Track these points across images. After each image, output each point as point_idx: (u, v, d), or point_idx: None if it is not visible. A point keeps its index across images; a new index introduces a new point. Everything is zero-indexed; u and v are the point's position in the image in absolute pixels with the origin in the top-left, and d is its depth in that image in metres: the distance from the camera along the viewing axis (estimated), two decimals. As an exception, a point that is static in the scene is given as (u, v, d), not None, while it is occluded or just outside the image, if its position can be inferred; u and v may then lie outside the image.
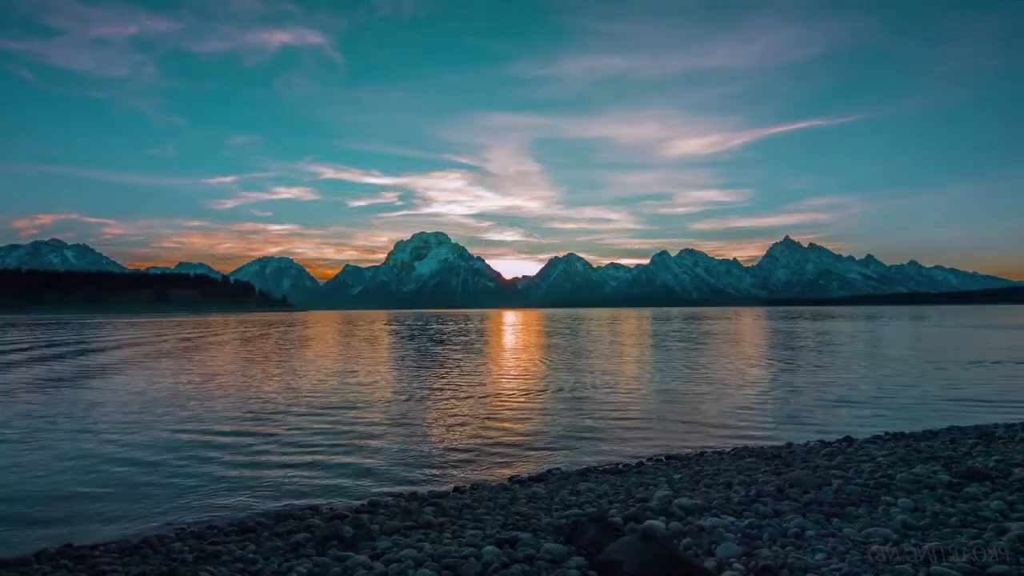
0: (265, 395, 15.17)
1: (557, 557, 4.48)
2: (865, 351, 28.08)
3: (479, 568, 4.33)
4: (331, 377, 19.14)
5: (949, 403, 13.26)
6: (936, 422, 10.96)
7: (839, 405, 13.22)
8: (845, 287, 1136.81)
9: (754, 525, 4.93)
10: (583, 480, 7.40)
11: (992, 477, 6.07)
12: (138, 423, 11.56)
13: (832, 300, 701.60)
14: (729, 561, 4.20)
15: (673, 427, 11.06)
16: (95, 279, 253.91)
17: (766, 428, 10.95)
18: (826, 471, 6.78)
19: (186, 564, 4.80)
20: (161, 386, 16.85)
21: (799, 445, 9.24)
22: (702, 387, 16.18)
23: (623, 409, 12.89)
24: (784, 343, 34.44)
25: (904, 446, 8.40)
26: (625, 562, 3.96)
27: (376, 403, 13.89)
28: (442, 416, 12.20)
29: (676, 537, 4.72)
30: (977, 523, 4.82)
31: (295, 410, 12.96)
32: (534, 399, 14.34)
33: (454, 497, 6.80)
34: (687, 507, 5.53)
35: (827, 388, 15.77)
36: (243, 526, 5.98)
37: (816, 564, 4.10)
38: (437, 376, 19.16)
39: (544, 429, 10.93)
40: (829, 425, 11.04)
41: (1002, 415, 11.55)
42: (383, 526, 5.57)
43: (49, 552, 5.38)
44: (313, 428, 11.09)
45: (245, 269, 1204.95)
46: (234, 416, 12.24)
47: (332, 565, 4.55)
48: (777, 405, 13.38)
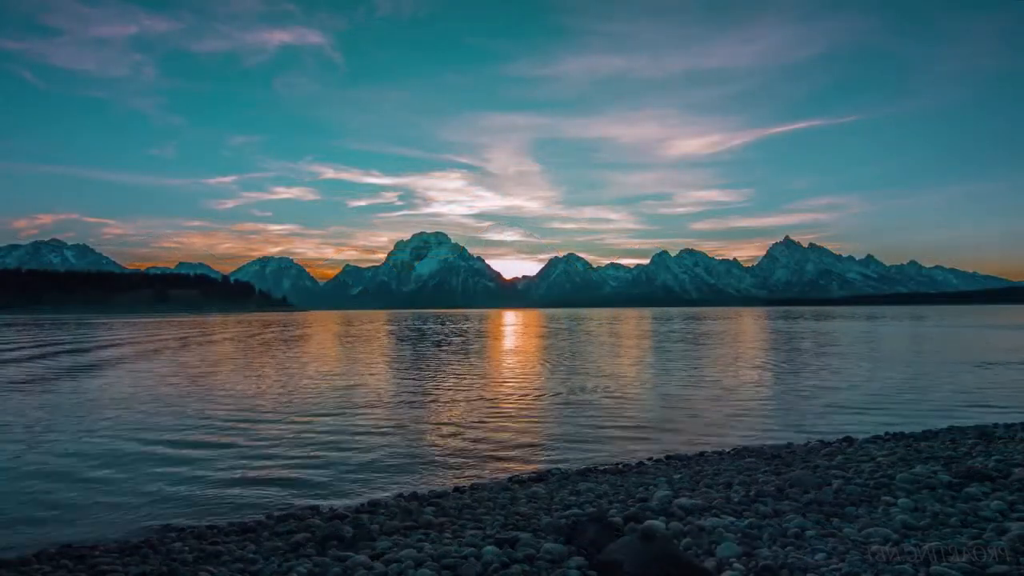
0: (265, 395, 15.17)
1: (557, 557, 4.48)
2: (865, 351, 28.07)
3: (479, 568, 4.33)
4: (330, 377, 19.14)
5: (949, 403, 13.25)
6: (936, 422, 10.95)
7: (839, 405, 13.21)
8: (845, 287, 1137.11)
9: (754, 525, 4.93)
10: (583, 480, 7.40)
11: (992, 477, 6.07)
12: (138, 423, 11.56)
13: (832, 300, 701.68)
14: (729, 561, 4.20)
15: (673, 427, 11.06)
16: (95, 279, 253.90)
17: (766, 428, 10.95)
18: (826, 471, 6.78)
19: (186, 564, 4.80)
20: (161, 386, 16.85)
21: (799, 445, 9.24)
22: (702, 387, 16.18)
23: (623, 409, 12.89)
24: (784, 343, 34.43)
25: (904, 446, 8.40)
26: (625, 562, 3.96)
27: (376, 403, 13.89)
28: (442, 416, 12.20)
29: (676, 537, 4.72)
30: (977, 523, 4.82)
31: (294, 410, 12.96)
32: (534, 399, 14.34)
33: (454, 497, 6.80)
34: (687, 507, 5.53)
35: (827, 388, 15.76)
36: (243, 526, 5.98)
37: (816, 564, 4.10)
38: (437, 376, 19.16)
39: (544, 429, 10.93)
40: (829, 425, 11.04)
41: (1002, 415, 11.55)
42: (383, 526, 5.57)
43: (49, 552, 5.38)
44: (312, 428, 11.08)
45: (245, 269, 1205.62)
46: (233, 416, 12.24)
47: (332, 565, 4.55)
48: (777, 405, 13.38)
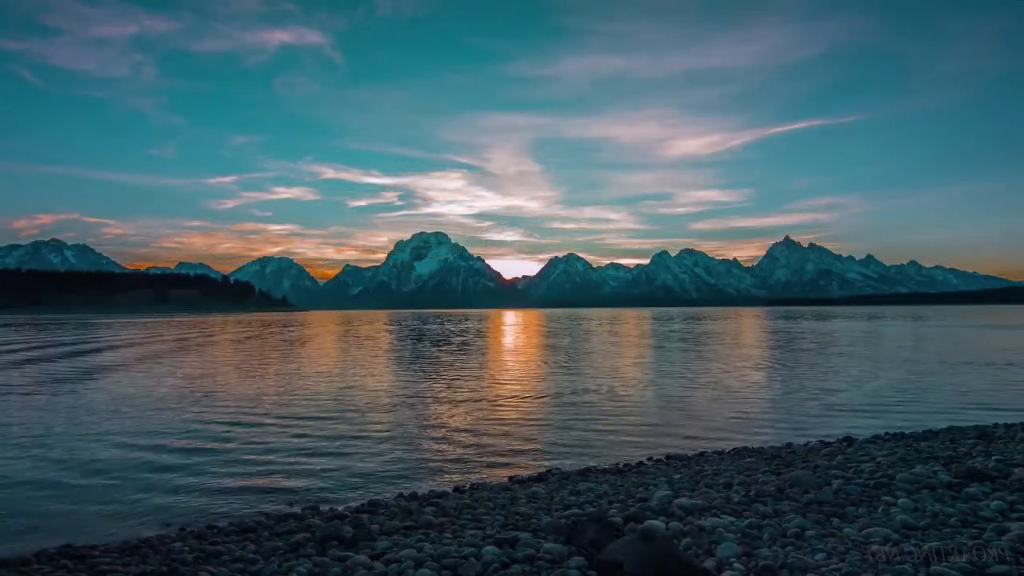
0: (264, 395, 15.17)
1: (557, 557, 4.48)
2: (865, 351, 28.07)
3: (479, 568, 4.33)
4: (330, 378, 19.14)
5: (949, 403, 13.26)
6: (936, 422, 10.96)
7: (839, 405, 13.21)
8: (845, 287, 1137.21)
9: (754, 525, 4.93)
10: (583, 480, 7.40)
11: (992, 477, 6.07)
12: (138, 423, 11.56)
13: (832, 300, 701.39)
14: (729, 561, 4.20)
15: (673, 427, 11.06)
16: (95, 279, 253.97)
17: (766, 428, 10.95)
18: (826, 471, 6.78)
19: (186, 564, 4.80)
20: (161, 386, 16.85)
21: (799, 445, 9.24)
22: (702, 387, 16.17)
23: (623, 409, 12.89)
24: (784, 343, 34.43)
25: (904, 446, 8.40)
26: (625, 562, 3.96)
27: (376, 403, 13.89)
28: (442, 416, 12.20)
29: (676, 537, 4.72)
30: (977, 523, 4.82)
31: (294, 410, 12.96)
32: (534, 400, 14.34)
33: (454, 497, 6.80)
34: (687, 507, 5.52)
35: (827, 388, 15.76)
36: (243, 526, 5.98)
37: (816, 564, 4.10)
38: (436, 377, 19.16)
39: (544, 429, 10.93)
40: (829, 425, 11.04)
41: (1002, 415, 11.55)
42: (383, 526, 5.57)
43: (49, 552, 5.38)
44: (312, 428, 11.08)
45: (245, 269, 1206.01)
46: (232, 416, 12.24)
47: (332, 565, 4.55)
48: (777, 405, 13.39)
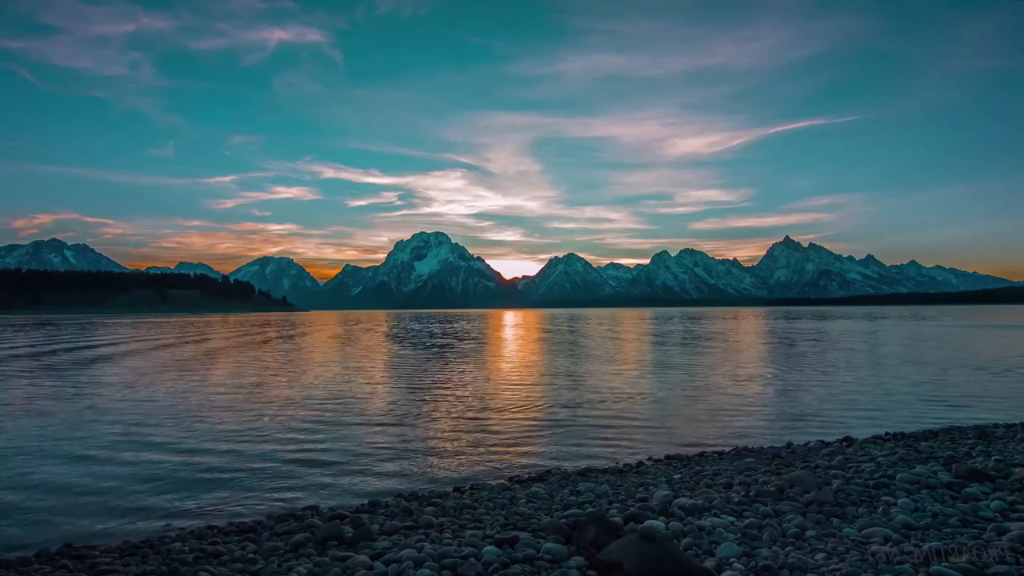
0: (264, 396, 15.16)
1: (557, 557, 4.48)
2: (865, 351, 28.07)
3: (479, 568, 4.32)
4: (330, 377, 19.13)
5: (949, 403, 13.26)
6: (936, 422, 10.96)
7: (839, 405, 13.21)
8: (845, 287, 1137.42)
9: (754, 525, 4.93)
10: (583, 480, 7.40)
11: (992, 477, 6.07)
12: (138, 424, 11.56)
13: (832, 300, 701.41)
14: (729, 561, 4.20)
15: (673, 427, 11.05)
16: (95, 279, 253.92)
17: (766, 428, 10.95)
18: (826, 471, 6.77)
19: (186, 564, 4.80)
20: (159, 388, 16.85)
21: (799, 445, 9.24)
22: (702, 387, 16.17)
23: (623, 409, 12.89)
24: (784, 343, 34.43)
25: (904, 446, 8.40)
26: (625, 562, 3.96)
27: (376, 403, 13.89)
28: (442, 416, 12.20)
29: (676, 537, 4.72)
30: (977, 523, 4.82)
31: (294, 410, 12.96)
32: (534, 400, 14.34)
33: (454, 497, 6.80)
34: (687, 507, 5.52)
35: (827, 388, 15.77)
36: (243, 526, 5.98)
37: (816, 564, 4.09)
38: (436, 377, 19.16)
39: (544, 429, 10.92)
40: (829, 425, 11.04)
41: (1002, 415, 11.55)
42: (383, 526, 5.57)
43: (49, 552, 5.38)
44: (312, 428, 11.08)
45: (245, 269, 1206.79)
46: (232, 416, 12.24)
47: (332, 565, 4.55)
48: (777, 405, 13.38)
